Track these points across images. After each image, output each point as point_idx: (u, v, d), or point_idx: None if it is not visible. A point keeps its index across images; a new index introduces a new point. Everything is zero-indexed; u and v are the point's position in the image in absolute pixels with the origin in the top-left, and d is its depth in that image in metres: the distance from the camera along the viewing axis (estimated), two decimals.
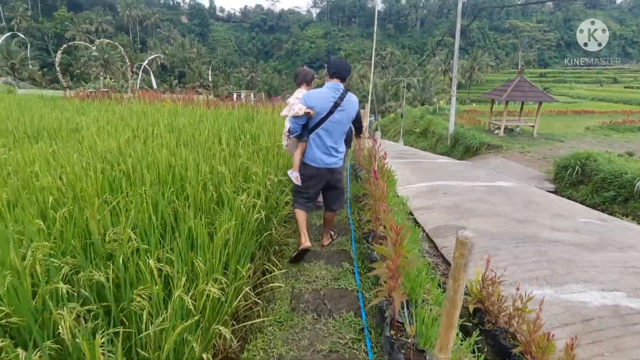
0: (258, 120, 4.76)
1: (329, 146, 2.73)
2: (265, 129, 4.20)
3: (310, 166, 2.77)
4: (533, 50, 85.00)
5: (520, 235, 4.21)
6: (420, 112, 24.27)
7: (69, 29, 72.15)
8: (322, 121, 2.68)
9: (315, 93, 2.76)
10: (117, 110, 5.72)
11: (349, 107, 2.73)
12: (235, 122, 4.41)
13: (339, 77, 2.73)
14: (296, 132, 2.74)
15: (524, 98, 13.30)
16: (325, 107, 2.66)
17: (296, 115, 2.61)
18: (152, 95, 8.11)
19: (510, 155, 11.43)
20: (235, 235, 1.80)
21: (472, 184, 7.22)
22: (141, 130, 3.78)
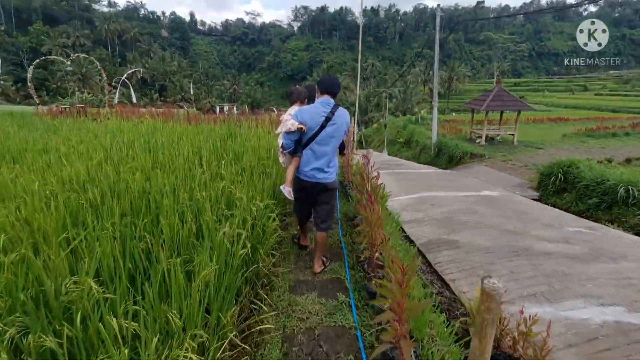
0: (242, 135, 4.56)
1: (321, 161, 2.79)
2: (249, 145, 3.99)
3: (302, 180, 2.84)
4: (507, 61, 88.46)
5: (513, 248, 4.14)
6: (403, 122, 24.59)
7: (45, 43, 70.37)
8: (314, 136, 2.75)
9: (307, 109, 2.83)
10: (91, 128, 5.38)
11: (340, 120, 2.79)
12: (217, 139, 4.19)
13: (330, 93, 2.83)
14: (289, 147, 2.81)
15: (503, 107, 13.64)
16: (317, 122, 2.73)
17: (289, 131, 2.70)
18: (130, 110, 7.78)
19: (493, 164, 11.59)
20: (217, 276, 1.60)
21: (459, 194, 7.20)
22: (115, 150, 3.49)
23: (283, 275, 2.49)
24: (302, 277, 2.62)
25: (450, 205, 6.16)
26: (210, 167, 3.06)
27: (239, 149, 3.81)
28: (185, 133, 4.70)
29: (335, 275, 2.76)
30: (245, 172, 3.13)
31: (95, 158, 3.02)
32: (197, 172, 2.88)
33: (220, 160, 3.37)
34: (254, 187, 2.83)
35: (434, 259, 4.04)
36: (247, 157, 3.50)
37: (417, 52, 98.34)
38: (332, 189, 2.91)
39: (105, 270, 1.50)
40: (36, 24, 76.14)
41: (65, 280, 1.29)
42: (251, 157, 3.57)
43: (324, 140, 2.76)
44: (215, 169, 3.04)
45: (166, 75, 74.20)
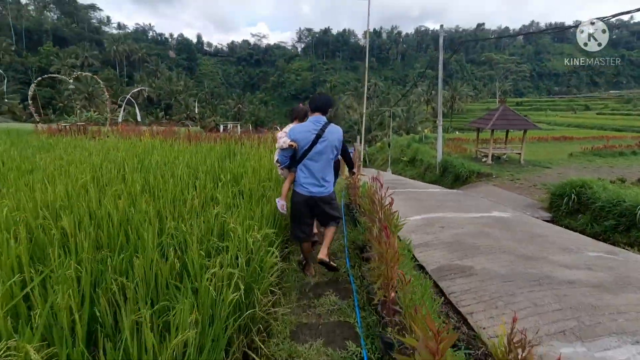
0: (242, 155, 4.36)
1: (316, 175, 2.90)
2: (249, 165, 3.79)
3: (298, 194, 2.94)
4: (508, 81, 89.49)
5: (532, 275, 3.82)
6: (406, 141, 24.51)
7: (54, 63, 72.19)
8: (306, 152, 2.88)
9: (298, 127, 2.98)
10: (87, 147, 5.22)
11: (330, 137, 2.90)
12: (216, 159, 3.97)
13: (320, 110, 2.95)
14: (284, 163, 2.99)
15: (509, 126, 13.49)
16: (308, 139, 2.86)
17: (282, 147, 2.87)
18: (131, 128, 7.67)
19: (501, 184, 11.32)
20: (199, 333, 1.30)
21: (469, 215, 6.91)
22: (105, 170, 3.28)
23: (283, 317, 2.18)
24: (306, 319, 2.29)
25: (461, 227, 5.86)
26: (205, 190, 2.82)
27: (238, 170, 3.60)
28: (183, 152, 4.48)
29: (344, 317, 2.40)
30: (243, 196, 2.88)
31: (81, 179, 2.79)
32: (189, 195, 2.63)
33: (217, 182, 3.14)
34: (252, 213, 2.57)
35: (447, 287, 3.72)
36: (246, 179, 3.26)
37: (420, 73, 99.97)
38: (331, 200, 3.03)
39: (57, 329, 1.18)
40: (46, 45, 78.39)
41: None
42: (251, 178, 3.32)
43: (315, 157, 2.88)
44: (211, 192, 2.80)
45: (172, 95, 75.51)
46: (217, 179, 3.33)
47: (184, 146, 5.01)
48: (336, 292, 2.71)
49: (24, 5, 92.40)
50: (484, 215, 6.95)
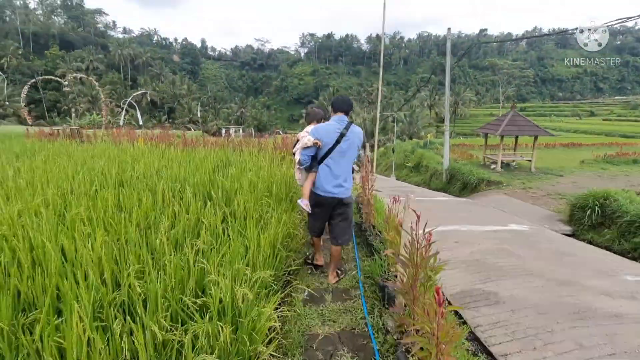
0: (239, 163, 3.90)
1: (337, 175, 2.93)
2: (246, 178, 3.36)
3: (319, 195, 2.96)
4: (511, 87, 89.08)
5: (570, 306, 3.33)
6: (411, 147, 24.05)
7: (60, 66, 72.55)
8: (330, 151, 2.89)
9: (323, 126, 2.99)
10: (73, 153, 4.79)
11: (353, 137, 2.95)
12: (208, 170, 3.48)
13: (343, 110, 2.99)
14: (306, 163, 2.95)
15: (519, 132, 13.01)
16: (332, 138, 2.88)
17: (305, 146, 2.86)
18: (126, 132, 7.27)
19: (513, 192, 10.82)
20: None
21: (484, 228, 6.43)
22: (77, 184, 2.84)
23: None
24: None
25: (478, 243, 5.38)
26: (187, 215, 2.35)
27: (231, 185, 3.19)
28: (173, 160, 4.04)
29: None
30: (235, 219, 2.41)
31: (40, 196, 2.33)
32: (166, 222, 2.13)
33: (207, 199, 2.69)
34: (245, 245, 2.08)
35: (472, 319, 3.23)
36: (240, 197, 2.83)
37: (422, 78, 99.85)
38: (348, 203, 3.05)
39: None
40: (52, 49, 78.89)
41: None
42: (246, 195, 2.92)
43: (338, 156, 2.91)
44: (196, 215, 2.33)
45: (175, 98, 75.54)
46: (207, 196, 2.87)
47: (176, 153, 4.57)
48: (352, 352, 2.15)
49: (31, 10, 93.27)
50: (500, 228, 6.46)
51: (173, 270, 1.60)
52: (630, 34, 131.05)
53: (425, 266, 1.67)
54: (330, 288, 3.07)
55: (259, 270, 1.82)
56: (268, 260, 2.04)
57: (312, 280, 3.19)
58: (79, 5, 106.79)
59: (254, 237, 2.06)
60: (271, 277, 1.91)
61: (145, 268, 1.63)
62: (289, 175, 3.86)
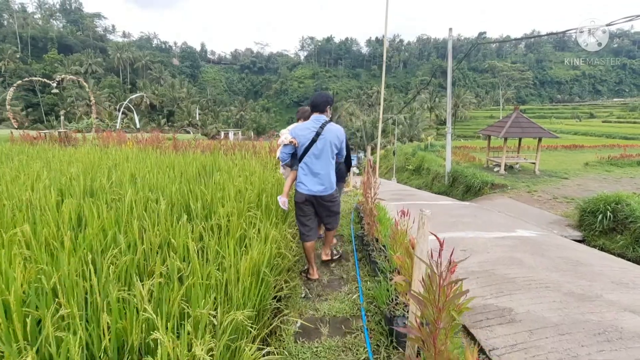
0: (229, 168, 3.62)
1: (316, 173, 2.95)
2: (232, 185, 3.08)
3: (300, 193, 3.02)
4: (511, 89, 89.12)
5: (594, 325, 3.03)
6: (411, 149, 23.77)
7: (58, 70, 72.36)
8: (306, 150, 2.94)
9: (300, 125, 3.06)
10: (51, 159, 4.45)
11: (329, 135, 2.94)
12: (191, 177, 3.16)
13: (318, 109, 3.00)
14: (285, 160, 3.11)
15: (523, 134, 12.74)
16: (307, 137, 2.93)
17: (283, 144, 3.01)
18: (116, 136, 6.98)
19: (518, 196, 10.52)
20: None
21: (491, 235, 6.13)
22: (36, 196, 2.47)
23: None
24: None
25: (486, 251, 5.08)
26: (155, 233, 1.98)
27: (213, 194, 2.84)
28: (158, 165, 3.75)
29: None
30: (214, 235, 2.05)
31: None
32: (121, 244, 1.77)
33: (186, 211, 2.37)
34: (222, 270, 1.74)
35: (486, 340, 2.93)
36: (222, 209, 2.49)
37: (422, 80, 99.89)
38: (332, 200, 3.08)
39: None
40: (51, 52, 78.82)
41: None
42: (232, 206, 2.60)
43: (315, 155, 2.93)
44: (163, 235, 1.98)
45: (174, 101, 75.36)
46: (185, 207, 2.55)
47: (163, 157, 4.26)
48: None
49: (30, 14, 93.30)
50: (508, 235, 6.16)
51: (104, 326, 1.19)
52: (627, 37, 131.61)
53: (449, 308, 1.36)
54: (326, 318, 2.64)
55: (236, 307, 1.47)
56: (250, 290, 1.70)
57: (306, 307, 2.80)
58: (78, 9, 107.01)
59: (232, 263, 1.71)
60: (254, 311, 1.57)
61: (69, 322, 1.19)
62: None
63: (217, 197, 2.70)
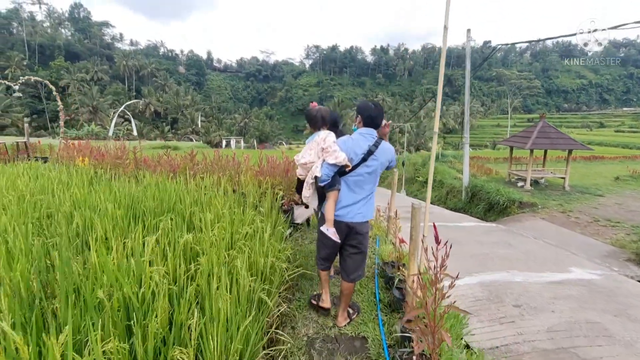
0: (206, 224, 2.30)
1: (356, 198, 2.42)
2: (214, 256, 1.84)
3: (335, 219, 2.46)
4: (517, 98, 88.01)
5: None
6: (421, 159, 22.50)
7: (64, 77, 72.61)
8: (352, 169, 2.39)
9: (350, 140, 2.42)
10: None
11: (381, 157, 2.40)
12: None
13: (374, 124, 2.41)
14: (327, 181, 2.38)
15: (551, 146, 11.44)
16: (359, 156, 2.37)
17: (334, 161, 2.30)
18: (86, 146, 5.81)
19: (551, 217, 9.20)
20: None
21: (543, 277, 4.85)
22: None
23: None
24: None
25: (549, 308, 3.80)
26: None
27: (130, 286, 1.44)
28: (87, 204, 2.43)
29: None
30: None
31: None
32: None
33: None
34: None
35: None
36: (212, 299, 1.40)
37: (428, 88, 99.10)
38: (364, 232, 2.47)
39: None
40: (58, 60, 79.30)
41: None
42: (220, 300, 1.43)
43: (362, 176, 2.39)
44: None
45: (179, 109, 74.99)
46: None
47: (104, 186, 3.03)
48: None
49: (39, 22, 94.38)
50: (565, 277, 4.86)
51: None
52: (634, 46, 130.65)
53: None
54: None
55: None
56: None
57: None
58: (86, 18, 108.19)
59: None
60: None
61: None
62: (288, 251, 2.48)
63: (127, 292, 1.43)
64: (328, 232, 2.31)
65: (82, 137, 38.76)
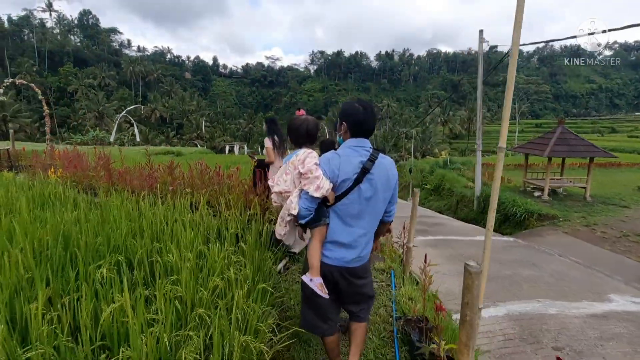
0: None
1: (353, 233, 1.70)
2: None
3: (323, 264, 1.71)
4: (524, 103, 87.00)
5: None
6: (428, 166, 21.83)
7: (72, 83, 73.43)
8: (342, 196, 1.67)
9: (336, 157, 1.69)
10: None
11: (381, 175, 1.68)
12: None
13: (363, 133, 1.72)
14: (307, 217, 1.67)
15: (572, 153, 10.74)
16: (350, 177, 1.65)
17: (315, 190, 1.59)
18: (74, 155, 5.31)
19: (574, 231, 8.50)
20: None
21: (581, 308, 4.21)
22: None
23: None
24: None
25: (598, 354, 3.15)
26: None
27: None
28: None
29: None
30: None
31: None
32: None
33: None
34: None
35: None
36: None
37: (433, 94, 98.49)
38: (364, 276, 1.81)
39: None
40: (66, 65, 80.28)
41: None
42: None
43: (356, 204, 1.67)
44: None
45: (184, 114, 75.16)
46: None
47: (71, 211, 2.45)
48: None
49: (49, 29, 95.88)
50: (607, 309, 4.20)
51: None
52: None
53: None
54: None
55: None
56: None
57: None
58: (95, 25, 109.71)
59: None
60: None
61: None
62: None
63: None
64: (311, 283, 1.66)
65: (87, 142, 38.70)
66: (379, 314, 2.44)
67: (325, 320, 1.78)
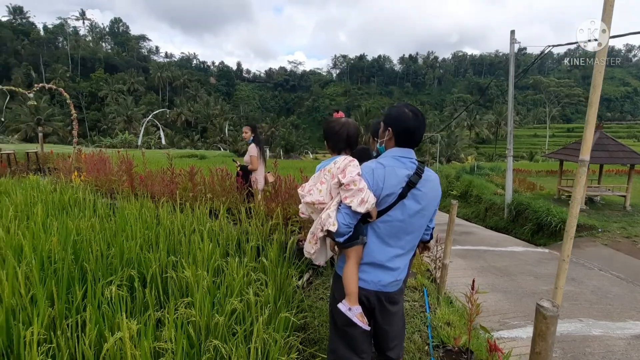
0: None
1: (391, 255, 1.50)
2: None
3: (360, 289, 1.50)
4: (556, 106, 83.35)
5: None
6: (455, 172, 21.17)
7: (103, 88, 76.94)
8: (383, 211, 1.48)
9: (379, 168, 1.48)
10: None
11: (427, 191, 1.50)
12: None
13: (412, 143, 1.54)
14: (347, 235, 1.45)
15: (610, 159, 10.03)
16: (395, 192, 1.46)
17: (359, 204, 1.39)
18: (99, 160, 5.41)
19: (614, 243, 7.88)
20: None
21: (626, 329, 3.83)
22: None
23: None
24: None
25: None
26: None
27: None
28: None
29: None
30: None
31: None
32: None
33: None
34: None
35: None
36: None
37: (458, 97, 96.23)
38: (399, 301, 1.60)
39: None
40: (98, 71, 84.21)
41: None
42: None
43: (400, 221, 1.47)
44: None
45: (208, 118, 77.00)
46: None
47: (88, 219, 2.41)
48: None
49: (82, 37, 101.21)
50: None
51: None
52: None
53: None
54: None
55: None
56: None
57: None
58: (125, 32, 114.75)
59: None
60: None
61: None
62: None
63: None
64: (350, 313, 1.44)
65: (115, 145, 40.31)
66: (413, 339, 2.17)
67: (359, 354, 1.55)
